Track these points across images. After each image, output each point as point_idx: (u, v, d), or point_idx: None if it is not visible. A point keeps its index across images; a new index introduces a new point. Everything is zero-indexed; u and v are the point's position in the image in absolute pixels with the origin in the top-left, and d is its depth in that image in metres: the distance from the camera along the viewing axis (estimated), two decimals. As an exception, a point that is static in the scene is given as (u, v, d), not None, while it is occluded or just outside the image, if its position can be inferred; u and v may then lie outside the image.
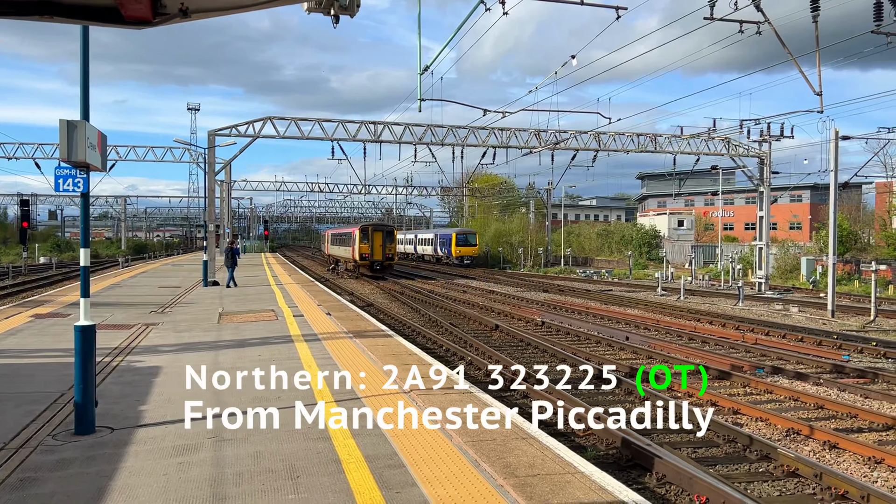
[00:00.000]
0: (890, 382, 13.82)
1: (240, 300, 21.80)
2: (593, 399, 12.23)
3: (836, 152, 25.75)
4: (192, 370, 10.50)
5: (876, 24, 14.10)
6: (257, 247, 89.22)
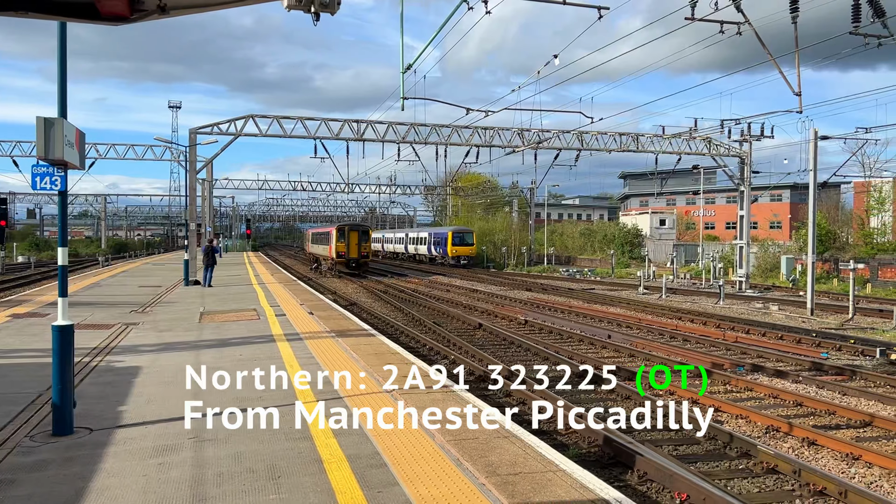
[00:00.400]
0: (867, 380, 14.01)
1: (221, 299, 21.66)
2: (576, 397, 12.27)
3: (815, 152, 26.04)
4: (173, 370, 10.43)
5: (854, 26, 14.26)
6: (239, 246, 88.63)
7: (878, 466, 8.81)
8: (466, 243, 59.04)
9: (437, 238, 61.89)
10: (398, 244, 76.11)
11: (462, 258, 57.95)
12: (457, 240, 58.75)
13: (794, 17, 14.35)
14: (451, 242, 58.36)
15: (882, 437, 10.28)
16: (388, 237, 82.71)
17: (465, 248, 58.62)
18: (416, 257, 68.80)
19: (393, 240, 78.86)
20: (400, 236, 76.56)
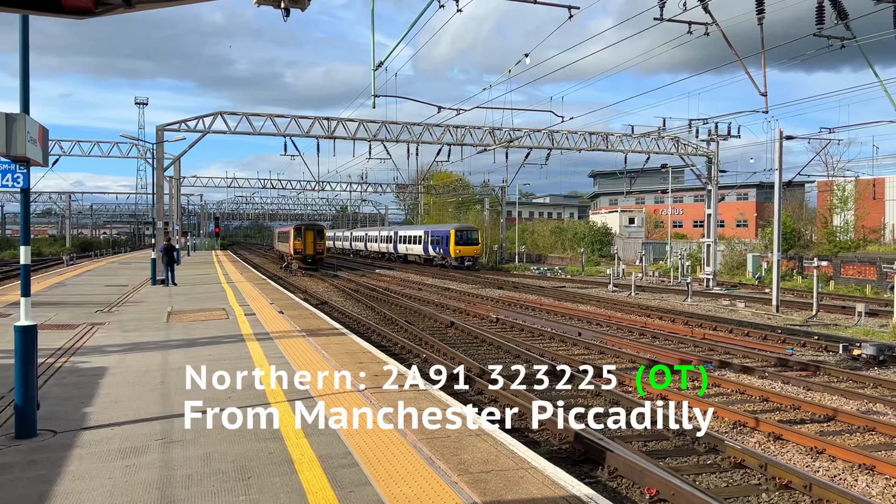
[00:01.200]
0: (831, 375, 14.30)
1: (189, 299, 21.38)
2: (548, 395, 12.34)
3: (780, 152, 26.51)
4: (140, 371, 10.27)
5: (818, 28, 14.54)
6: (208, 244, 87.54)
7: (841, 460, 9.00)
8: (472, 242, 53.37)
9: (435, 236, 55.96)
10: (385, 243, 69.91)
11: (466, 259, 52.09)
12: (461, 238, 52.85)
13: (761, 19, 14.58)
14: (455, 241, 52.38)
15: (845, 430, 10.49)
16: (372, 235, 76.31)
17: (470, 248, 52.93)
18: (408, 258, 62.98)
19: (378, 238, 72.86)
20: (387, 234, 70.54)
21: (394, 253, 66.49)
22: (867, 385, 13.54)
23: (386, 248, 69.21)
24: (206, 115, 35.72)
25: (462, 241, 52.51)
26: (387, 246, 68.94)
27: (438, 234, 55.30)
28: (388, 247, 68.60)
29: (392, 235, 68.14)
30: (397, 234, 66.73)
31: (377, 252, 72.44)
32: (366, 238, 78.02)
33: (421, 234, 59.48)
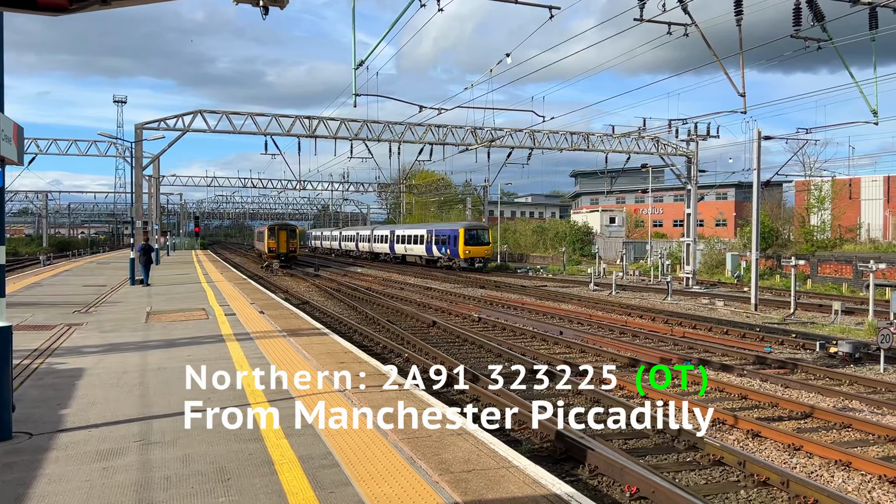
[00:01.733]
0: (808, 373, 14.48)
1: (169, 299, 21.19)
2: (529, 394, 12.38)
3: (758, 152, 26.78)
4: (118, 372, 10.17)
5: (795, 29, 14.71)
6: (188, 244, 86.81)
7: (818, 456, 9.12)
8: (482, 242, 49.39)
9: (441, 236, 51.47)
10: (380, 243, 65.04)
11: (477, 260, 48.20)
12: (472, 238, 48.59)
13: (739, 20, 14.72)
14: (465, 241, 48.16)
15: (822, 427, 10.63)
16: (364, 235, 71.24)
17: (481, 248, 49.06)
18: (406, 259, 58.90)
19: (372, 238, 67.75)
20: (382, 234, 65.63)
21: (390, 253, 62.64)
22: (843, 382, 13.73)
23: (381, 248, 64.87)
24: (186, 113, 35.42)
25: (473, 241, 48.62)
26: (382, 246, 64.51)
27: (445, 234, 50.94)
28: (383, 247, 64.34)
29: (388, 235, 63.52)
30: (394, 234, 62.20)
31: (369, 252, 68.32)
32: (357, 237, 73.70)
33: (423, 234, 55.16)
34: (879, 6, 14.78)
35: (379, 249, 65.29)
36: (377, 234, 66.78)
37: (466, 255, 47.89)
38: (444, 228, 52.34)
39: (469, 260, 48.01)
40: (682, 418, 10.93)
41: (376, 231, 67.80)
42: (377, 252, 66.00)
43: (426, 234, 54.25)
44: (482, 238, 49.60)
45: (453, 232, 49.43)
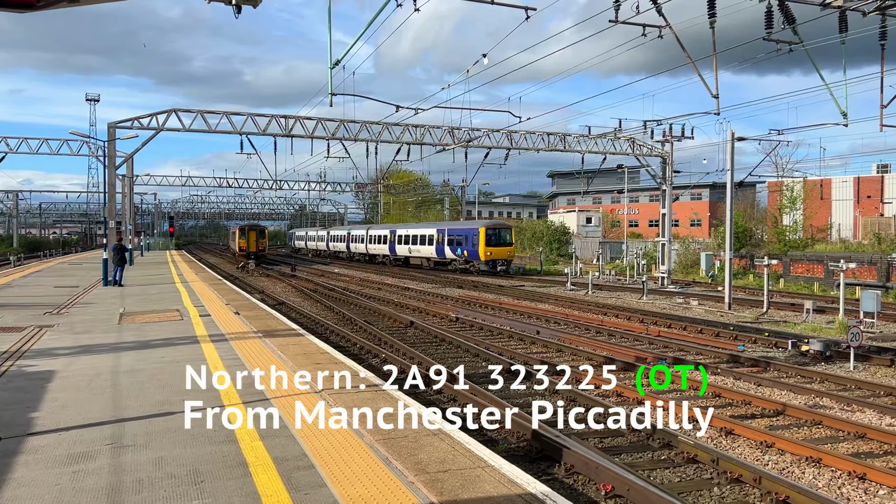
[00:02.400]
0: (780, 371, 14.69)
1: (142, 300, 20.94)
2: (505, 393, 12.41)
3: (732, 153, 27.10)
4: (90, 374, 10.02)
5: (767, 32, 14.91)
6: (162, 244, 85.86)
7: (789, 453, 9.25)
8: (505, 242, 44.51)
9: (455, 236, 46.63)
10: (376, 244, 59.78)
11: (499, 262, 43.62)
12: (493, 238, 43.82)
13: (712, 23, 14.88)
14: (486, 241, 43.38)
15: (793, 425, 10.79)
16: (357, 235, 65.40)
17: (504, 249, 44.21)
18: (410, 261, 54.28)
19: (365, 238, 62.33)
20: (379, 234, 60.05)
21: (389, 255, 57.31)
22: (814, 380, 13.95)
23: (378, 249, 59.56)
24: (160, 112, 35.00)
25: (495, 242, 43.75)
26: (379, 247, 59.34)
27: (461, 233, 45.99)
28: (380, 248, 59.08)
29: (388, 235, 58.01)
30: (395, 234, 56.79)
31: (364, 254, 63.18)
32: (349, 238, 67.86)
33: (432, 233, 49.85)
34: (848, 10, 15.04)
35: (376, 251, 60.15)
36: (374, 233, 61.14)
37: (488, 256, 43.30)
38: (459, 227, 47.59)
39: (490, 262, 43.46)
40: (657, 417, 11.03)
41: (373, 231, 62.04)
42: (374, 254, 60.89)
43: (437, 234, 48.99)
44: (505, 238, 44.62)
45: (471, 231, 44.60)
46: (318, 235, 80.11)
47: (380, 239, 59.35)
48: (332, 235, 74.81)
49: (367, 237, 61.94)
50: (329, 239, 75.20)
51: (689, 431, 10.24)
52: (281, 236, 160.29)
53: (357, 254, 65.40)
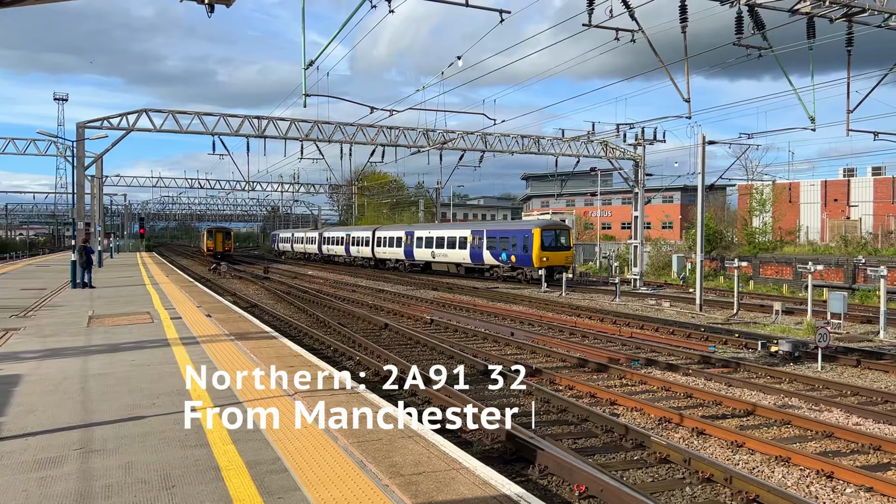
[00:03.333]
0: (750, 371, 14.89)
1: (112, 302, 20.61)
2: (480, 395, 12.42)
3: (703, 156, 27.45)
4: (58, 378, 9.84)
5: (737, 37, 15.12)
6: (132, 246, 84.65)
7: (759, 453, 9.38)
8: (563, 246, 37.70)
9: (500, 238, 39.92)
10: (387, 247, 52.61)
11: (556, 270, 36.50)
12: (550, 241, 37.20)
13: (684, 27, 15.06)
14: (541, 244, 36.65)
15: (763, 424, 10.94)
16: (358, 237, 58.09)
17: (562, 254, 37.45)
18: (431, 267, 47.58)
19: (371, 241, 55.14)
20: (391, 236, 52.69)
21: (405, 260, 49.90)
22: (783, 380, 14.17)
23: (389, 253, 52.26)
24: (131, 112, 34.52)
25: (552, 245, 37.03)
26: (391, 251, 51.95)
27: (507, 235, 39.39)
28: (392, 252, 51.74)
29: (403, 237, 50.25)
30: (413, 236, 48.69)
31: (367, 258, 56.30)
32: (348, 240, 59.96)
33: (465, 235, 42.89)
34: (816, 16, 15.31)
35: (387, 255, 52.60)
36: (384, 235, 53.81)
37: (543, 262, 36.20)
38: (504, 228, 41.03)
39: (548, 269, 36.00)
40: (630, 417, 11.12)
41: (382, 232, 54.78)
42: (384, 258, 53.46)
43: (471, 236, 42.27)
44: (563, 241, 37.83)
45: (522, 233, 37.97)
46: (309, 237, 72.47)
47: (392, 241, 52.14)
48: (326, 238, 67.00)
49: (375, 239, 54.77)
50: (322, 241, 67.52)
51: (661, 432, 10.34)
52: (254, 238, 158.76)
53: (360, 258, 58.15)
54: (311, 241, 71.41)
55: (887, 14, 15.82)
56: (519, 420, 10.62)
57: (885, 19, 15.98)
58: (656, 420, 10.93)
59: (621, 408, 11.72)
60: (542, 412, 11.38)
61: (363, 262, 57.87)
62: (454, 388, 12.21)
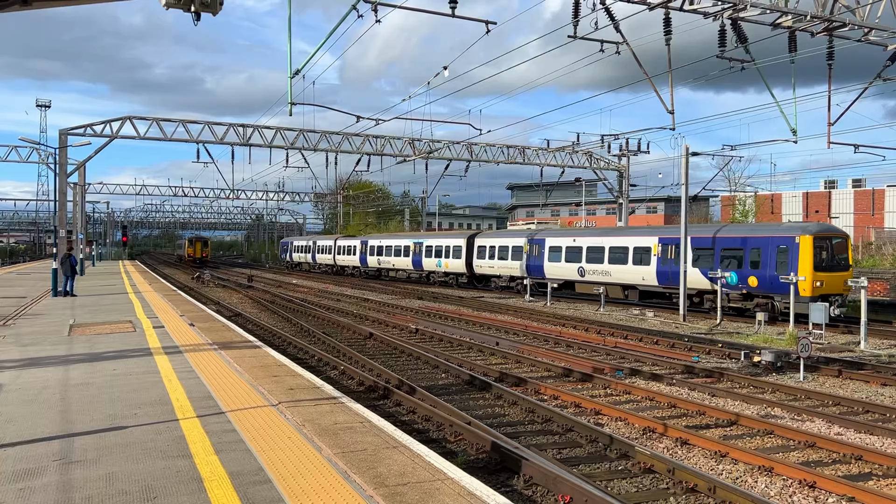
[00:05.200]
0: (733, 381, 14.98)
1: (94, 311, 20.40)
2: (465, 404, 12.40)
3: (686, 167, 27.66)
4: (37, 387, 9.71)
5: (720, 50, 15.32)
6: (115, 254, 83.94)
7: (742, 462, 9.42)
8: (841, 265, 24.98)
9: (721, 248, 26.91)
10: (493, 259, 39.70)
11: (833, 298, 23.69)
12: (825, 255, 24.65)
13: (668, 40, 15.22)
14: (814, 261, 23.97)
15: (746, 434, 11.00)
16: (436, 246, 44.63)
17: (839, 278, 24.48)
18: (575, 287, 34.06)
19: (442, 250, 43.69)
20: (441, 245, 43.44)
21: (527, 276, 36.16)
22: (766, 390, 14.26)
23: (494, 266, 39.67)
24: (114, 119, 34.38)
25: (827, 263, 24.61)
26: (497, 264, 39.37)
27: (749, 244, 25.95)
28: (502, 266, 39.02)
29: (528, 244, 36.91)
30: (544, 244, 35.86)
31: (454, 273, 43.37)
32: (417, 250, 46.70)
33: (649, 245, 29.80)
34: (798, 30, 15.53)
35: (491, 269, 40.10)
36: (428, 245, 44.30)
37: (817, 289, 23.85)
38: (738, 236, 26.97)
39: (823, 297, 23.36)
40: (614, 427, 11.14)
41: (431, 241, 44.55)
42: (488, 274, 40.73)
43: (657, 246, 29.34)
44: (841, 258, 25.19)
45: (777, 241, 25.09)
46: (345, 246, 57.68)
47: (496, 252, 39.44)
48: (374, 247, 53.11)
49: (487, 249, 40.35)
50: (368, 251, 54.04)
51: (645, 442, 10.36)
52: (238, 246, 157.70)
53: (413, 272, 47.63)
54: (350, 250, 56.72)
55: (867, 29, 16.09)
56: (504, 430, 10.62)
57: (865, 34, 16.25)
58: (640, 430, 10.95)
59: (606, 418, 11.74)
60: (527, 422, 11.37)
61: (418, 277, 47.63)
62: (439, 398, 12.19)
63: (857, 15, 15.84)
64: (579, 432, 10.49)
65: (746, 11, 14.89)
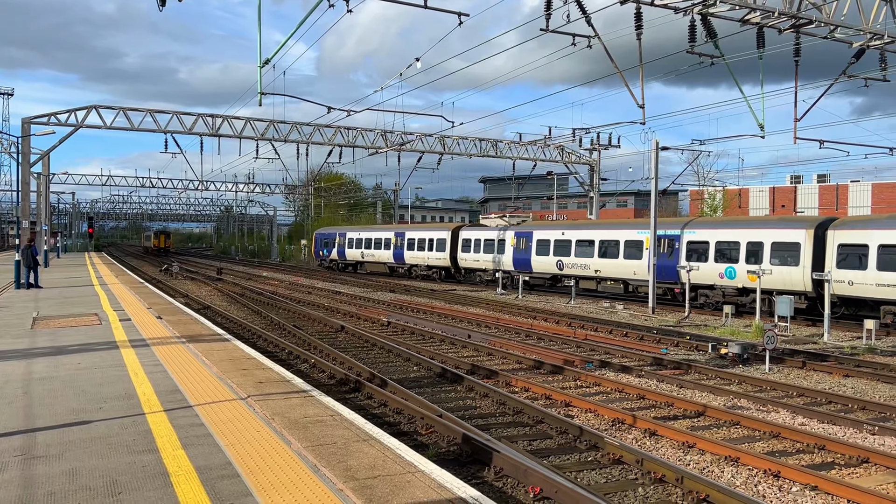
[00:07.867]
0: (701, 373, 15.19)
1: (58, 303, 20.00)
2: (436, 397, 12.40)
3: (656, 161, 27.92)
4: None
5: (690, 45, 15.46)
6: (80, 245, 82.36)
7: (709, 453, 9.56)
8: None
9: None
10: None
11: None
12: None
13: (639, 35, 15.32)
14: None
15: (713, 425, 11.16)
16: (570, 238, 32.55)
17: None
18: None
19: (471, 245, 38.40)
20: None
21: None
22: (733, 382, 14.48)
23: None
24: (79, 108, 33.66)
25: None
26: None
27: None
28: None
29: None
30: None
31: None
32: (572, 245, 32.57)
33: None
34: (765, 26, 15.73)
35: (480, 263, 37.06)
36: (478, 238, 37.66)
37: None
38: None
39: None
40: (584, 418, 11.23)
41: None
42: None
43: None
44: None
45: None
46: (383, 239, 47.35)
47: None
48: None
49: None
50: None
51: (614, 433, 10.46)
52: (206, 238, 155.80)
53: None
54: (388, 244, 46.83)
55: (833, 26, 16.35)
56: (475, 422, 10.64)
57: (831, 31, 16.52)
58: (610, 421, 11.05)
59: (576, 409, 11.83)
60: (499, 414, 11.41)
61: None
62: (411, 391, 12.17)
63: (824, 12, 16.09)
64: (550, 424, 10.56)
65: (716, 7, 15.03)
